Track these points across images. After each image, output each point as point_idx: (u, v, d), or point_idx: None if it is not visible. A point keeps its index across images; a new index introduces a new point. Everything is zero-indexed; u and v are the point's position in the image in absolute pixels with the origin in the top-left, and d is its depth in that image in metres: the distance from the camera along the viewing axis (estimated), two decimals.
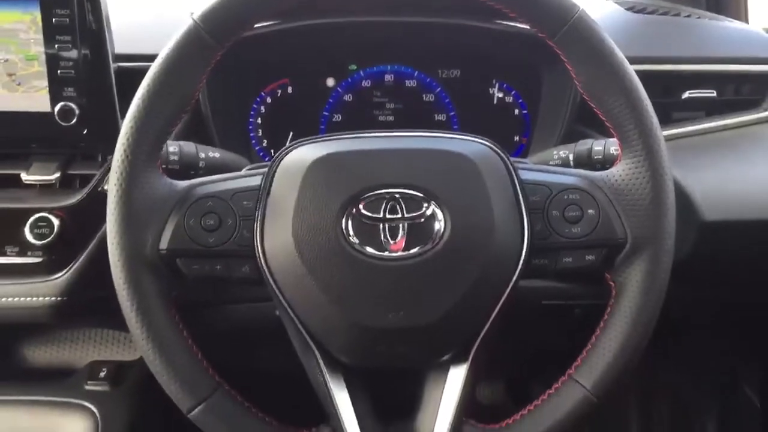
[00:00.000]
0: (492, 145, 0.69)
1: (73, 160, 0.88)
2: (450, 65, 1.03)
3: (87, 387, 0.98)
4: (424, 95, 1.04)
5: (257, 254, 0.67)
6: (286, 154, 0.69)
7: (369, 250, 0.64)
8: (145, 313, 0.66)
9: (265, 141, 1.03)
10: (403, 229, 0.64)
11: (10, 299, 0.84)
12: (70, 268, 0.84)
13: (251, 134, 1.02)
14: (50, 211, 0.83)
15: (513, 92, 1.03)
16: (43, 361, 1.06)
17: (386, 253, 0.64)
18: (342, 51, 1.02)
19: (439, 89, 1.03)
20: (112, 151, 0.85)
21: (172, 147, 0.78)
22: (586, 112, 0.82)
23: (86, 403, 0.95)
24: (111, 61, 0.84)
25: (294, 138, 1.01)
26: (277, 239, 0.66)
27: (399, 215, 0.64)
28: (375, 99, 1.03)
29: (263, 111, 1.02)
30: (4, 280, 0.84)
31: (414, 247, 0.64)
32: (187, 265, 0.67)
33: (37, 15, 0.82)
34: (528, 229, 0.67)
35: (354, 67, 1.03)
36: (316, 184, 0.65)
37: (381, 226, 0.64)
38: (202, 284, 0.69)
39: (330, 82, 1.03)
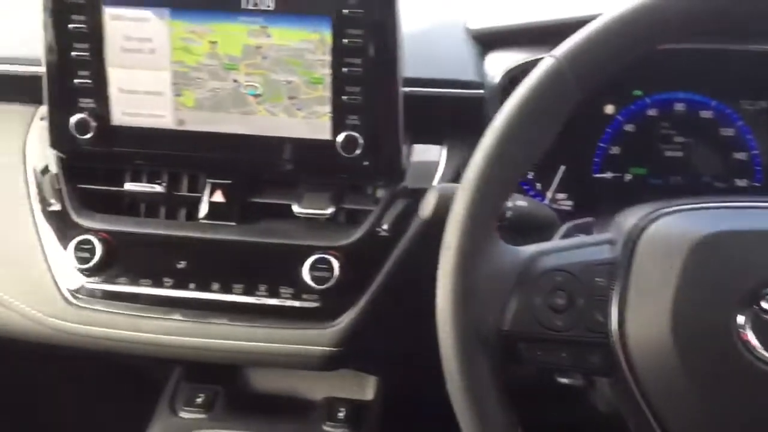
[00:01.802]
0: None
1: (343, 192, 0.82)
2: (755, 96, 0.88)
3: (326, 428, 0.92)
4: (721, 129, 0.89)
5: (613, 342, 0.56)
6: (650, 223, 0.57)
7: None
8: (476, 399, 0.57)
9: (531, 173, 0.92)
10: None
11: (279, 345, 0.77)
12: (346, 317, 0.77)
13: None
14: (326, 250, 0.77)
15: None
16: (273, 385, 1.01)
17: None
18: (625, 74, 0.89)
19: (740, 123, 0.89)
20: (390, 186, 0.79)
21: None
22: None
23: None
24: (400, 89, 0.76)
25: (567, 173, 0.90)
26: (642, 328, 0.55)
27: None
28: (662, 131, 0.90)
29: None
30: (275, 323, 0.77)
31: None
32: (529, 351, 0.58)
33: (327, 35, 0.74)
34: None
35: (639, 93, 0.90)
36: (702, 270, 0.54)
37: None
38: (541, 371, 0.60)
39: (609, 109, 0.90)
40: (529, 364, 0.58)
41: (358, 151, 0.75)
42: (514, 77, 0.79)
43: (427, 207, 0.67)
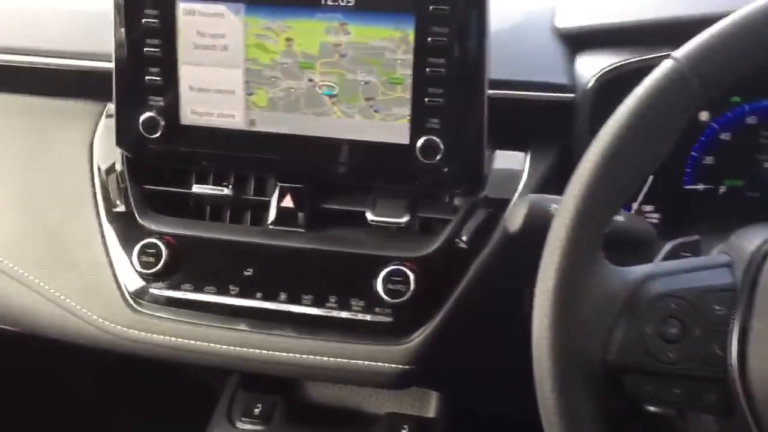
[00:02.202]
0: None
1: (418, 200, 0.77)
2: None
3: None
4: None
5: (732, 379, 0.50)
6: None
7: None
8: None
9: None
10: None
11: (348, 361, 0.73)
12: (420, 333, 0.73)
13: None
14: (402, 261, 0.72)
15: None
16: (332, 397, 0.97)
17: None
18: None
19: None
20: (470, 194, 0.74)
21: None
22: None
23: None
24: (486, 92, 0.71)
25: (655, 183, 0.83)
26: (767, 363, 0.49)
27: None
28: (762, 140, 0.83)
29: None
30: (345, 337, 0.73)
31: None
32: (637, 384, 0.52)
33: (410, 32, 0.69)
34: None
35: (737, 99, 0.83)
36: None
37: None
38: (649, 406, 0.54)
39: (704, 115, 0.83)
40: (635, 400, 0.52)
41: (438, 157, 0.71)
42: (608, 80, 0.73)
43: (515, 220, 0.62)
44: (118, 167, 0.81)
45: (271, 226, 0.77)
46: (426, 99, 0.70)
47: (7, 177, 0.85)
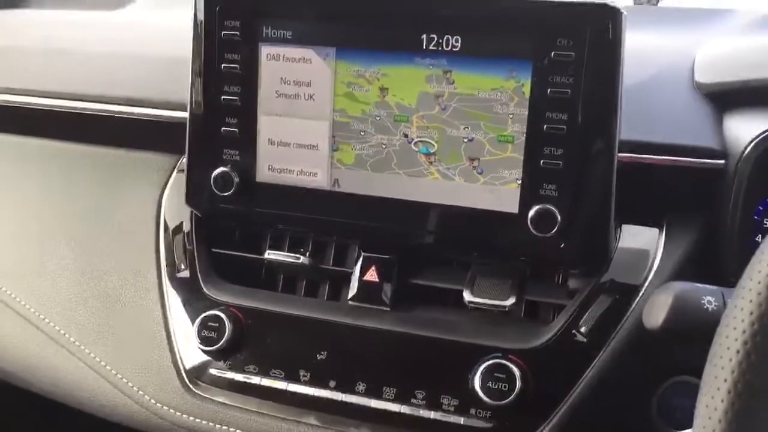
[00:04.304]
0: None
1: (524, 279, 0.65)
2: None
3: None
4: None
5: None
6: None
7: None
8: None
9: None
10: None
11: None
12: None
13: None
14: (506, 354, 0.60)
15: None
16: None
17: None
18: None
19: None
20: (591, 276, 0.62)
21: None
22: None
23: None
24: (615, 155, 0.59)
25: None
26: None
27: None
28: None
29: None
30: None
31: None
32: None
33: (526, 82, 0.59)
34: None
35: None
36: None
37: None
38: None
39: None
40: None
41: (553, 230, 0.59)
42: None
43: (657, 313, 0.49)
44: (186, 227, 0.73)
45: (351, 302, 0.67)
46: (542, 161, 0.59)
47: (66, 231, 0.78)
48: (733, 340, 0.39)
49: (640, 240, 0.63)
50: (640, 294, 0.60)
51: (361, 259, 0.67)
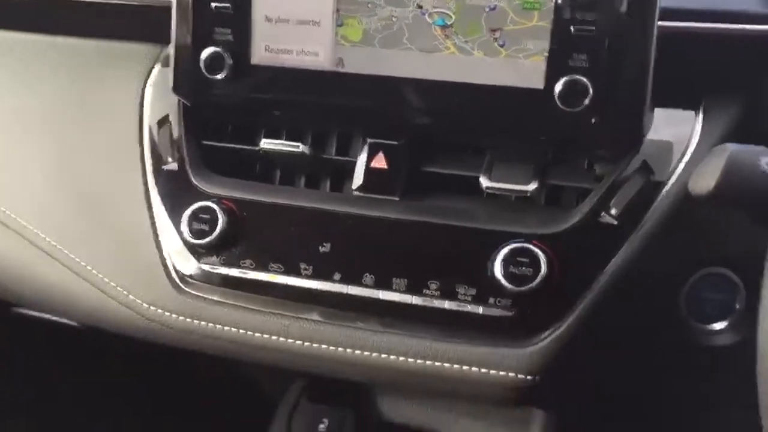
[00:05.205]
0: None
1: (546, 163, 0.60)
2: None
3: None
4: None
5: None
6: None
7: None
8: None
9: None
10: None
11: (449, 367, 0.55)
12: (551, 333, 0.55)
13: None
14: (528, 239, 0.55)
15: None
16: (412, 414, 0.79)
17: None
18: None
19: None
20: (622, 156, 0.56)
21: None
22: None
23: None
24: (656, 19, 0.53)
25: None
26: None
27: None
28: None
29: None
30: (446, 335, 0.56)
31: None
32: None
33: None
34: None
35: None
36: None
37: None
38: None
39: None
40: None
41: (584, 104, 0.54)
42: None
43: (710, 176, 0.45)
44: (173, 118, 0.67)
45: (357, 193, 0.61)
46: (572, 27, 0.54)
47: (42, 129, 0.72)
48: None
49: (674, 122, 0.58)
50: (675, 176, 0.56)
51: (367, 145, 0.62)
